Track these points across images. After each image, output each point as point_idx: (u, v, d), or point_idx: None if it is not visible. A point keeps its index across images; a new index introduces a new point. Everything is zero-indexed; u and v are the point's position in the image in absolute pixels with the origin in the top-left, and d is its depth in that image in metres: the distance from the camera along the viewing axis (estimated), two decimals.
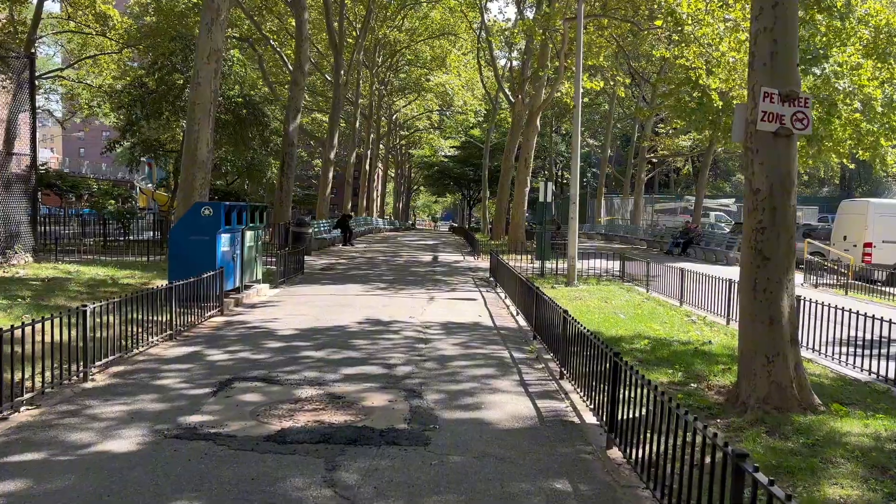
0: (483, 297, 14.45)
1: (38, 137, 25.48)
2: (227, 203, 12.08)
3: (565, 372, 7.43)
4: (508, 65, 52.25)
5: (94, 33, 41.03)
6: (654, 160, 53.57)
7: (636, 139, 54.55)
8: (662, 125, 50.36)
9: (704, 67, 23.75)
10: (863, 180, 63.69)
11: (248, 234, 13.28)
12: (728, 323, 11.43)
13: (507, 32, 40.60)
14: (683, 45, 22.00)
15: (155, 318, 8.63)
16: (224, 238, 11.82)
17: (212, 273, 10.75)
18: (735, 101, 23.20)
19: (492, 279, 17.63)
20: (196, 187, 16.48)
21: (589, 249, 24.89)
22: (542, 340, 9.14)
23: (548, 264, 18.87)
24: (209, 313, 10.71)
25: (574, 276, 15.95)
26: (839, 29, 25.86)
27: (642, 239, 37.31)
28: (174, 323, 9.07)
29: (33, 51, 40.81)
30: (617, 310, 12.42)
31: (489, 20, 44.68)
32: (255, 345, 8.74)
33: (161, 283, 11.32)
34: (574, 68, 25.14)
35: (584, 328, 6.62)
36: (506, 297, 13.93)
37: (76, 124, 64.63)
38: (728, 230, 38.55)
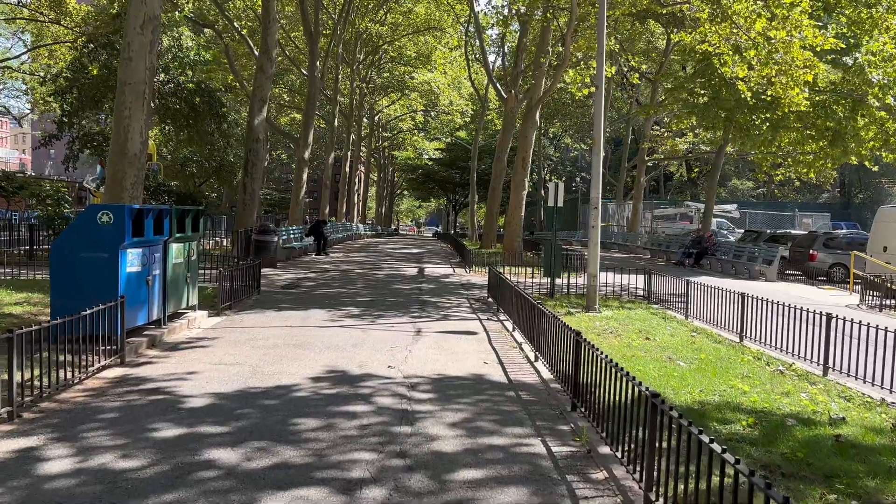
0: (484, 327, 11.24)
1: (7, 137, 22.15)
2: (137, 206, 8.77)
3: (653, 498, 4.25)
4: (499, 61, 49.24)
5: (47, 21, 37.48)
6: (650, 164, 50.72)
7: (630, 141, 51.76)
8: (657, 127, 47.55)
9: (730, 53, 20.79)
10: (863, 186, 61.33)
11: (175, 248, 9.99)
12: (826, 373, 8.30)
13: (497, 24, 37.65)
14: (709, 23, 18.97)
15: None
16: (132, 254, 8.52)
17: (107, 304, 7.47)
18: (770, 92, 20.22)
19: (491, 300, 14.44)
20: (125, 187, 13.30)
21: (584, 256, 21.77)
22: (587, 413, 5.95)
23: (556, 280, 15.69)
24: (102, 363, 7.42)
25: (596, 300, 12.79)
26: (866, 17, 23.07)
27: (644, 248, 34.28)
28: (35, 384, 5.90)
29: None
30: (668, 351, 9.24)
31: (479, 10, 41.55)
32: (137, 434, 5.45)
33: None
34: (579, 54, 22.08)
35: (680, 416, 3.48)
36: (514, 329, 10.73)
37: (36, 122, 60.72)
38: (734, 238, 35.68)
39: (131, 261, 8.49)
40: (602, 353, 5.63)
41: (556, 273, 14.49)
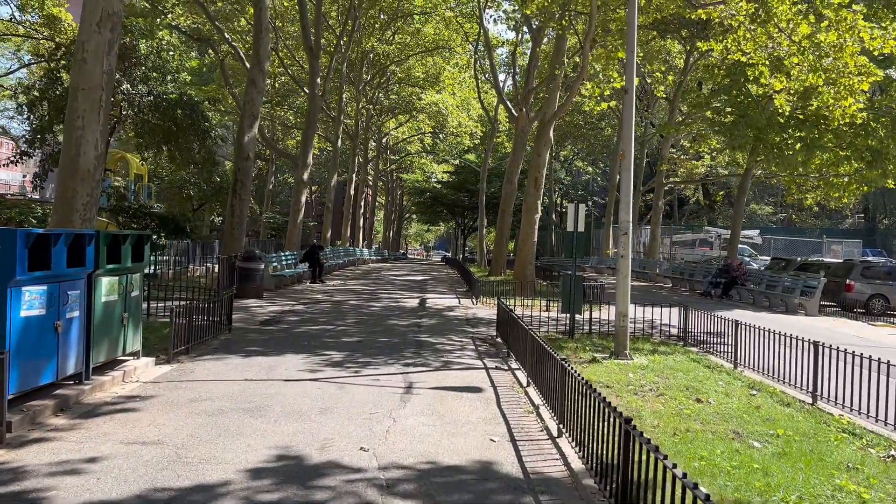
0: (491, 380, 9.13)
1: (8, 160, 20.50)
2: (39, 231, 6.76)
3: None
4: (509, 80, 47.65)
5: (41, 38, 36.06)
6: (666, 187, 48.64)
7: (644, 164, 49.85)
8: (672, 150, 45.60)
9: (766, 62, 18.80)
10: (889, 212, 58.89)
11: (106, 283, 7.98)
12: None
13: (508, 26, 35.74)
14: (749, 23, 16.97)
15: None
16: (30, 293, 6.51)
17: None
18: (816, 104, 18.18)
19: (500, 340, 12.36)
20: (76, 208, 11.44)
21: (607, 288, 19.74)
22: None
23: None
24: None
25: (626, 344, 10.66)
26: None
27: (665, 276, 32.07)
28: None
29: None
30: (731, 421, 7.11)
31: (490, 28, 39.88)
32: None
33: None
34: (597, 66, 20.14)
35: None
36: (529, 384, 8.63)
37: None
38: (757, 265, 33.44)
39: (28, 302, 6.47)
40: (666, 458, 3.56)
41: (577, 309, 12.38)
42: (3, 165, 23.91)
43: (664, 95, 42.02)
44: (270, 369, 9.27)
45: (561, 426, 6.57)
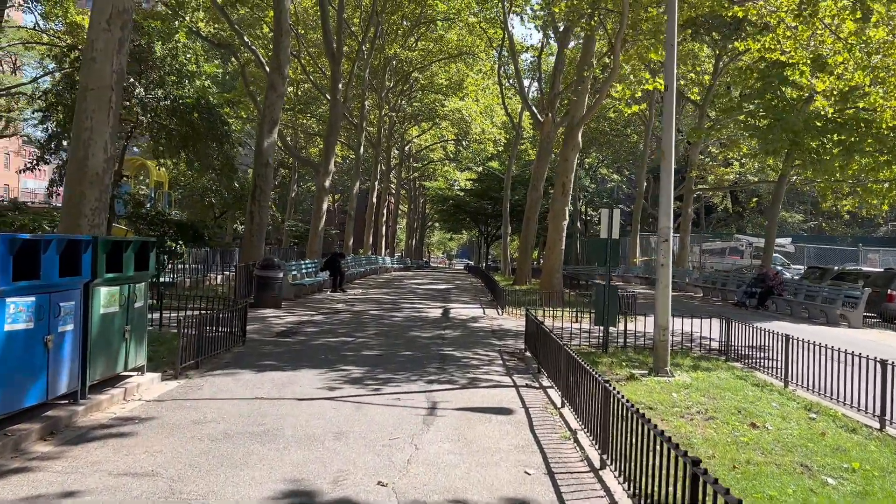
0: (522, 399, 8.38)
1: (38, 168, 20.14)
2: (25, 237, 6.16)
3: None
4: (534, 85, 46.88)
5: (63, 46, 36.09)
6: (695, 194, 47.45)
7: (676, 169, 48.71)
8: (701, 156, 44.47)
9: (808, 61, 17.90)
10: None
11: (105, 293, 7.38)
12: None
13: (535, 24, 34.73)
14: (792, 19, 16.07)
15: None
16: (14, 305, 5.90)
17: None
18: (862, 104, 17.26)
19: (528, 354, 11.62)
20: (84, 213, 10.93)
21: (638, 298, 18.86)
22: None
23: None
24: None
25: (667, 359, 9.86)
26: None
27: (695, 285, 31.03)
28: None
29: None
30: (795, 452, 6.30)
31: (514, 32, 39.14)
32: None
33: None
34: (627, 66, 19.35)
35: None
36: (563, 405, 7.88)
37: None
38: (790, 274, 32.24)
39: (13, 314, 5.86)
40: None
41: (611, 321, 11.59)
42: (19, 173, 23.63)
43: (697, 98, 41.02)
44: (284, 386, 8.61)
45: (604, 457, 5.82)
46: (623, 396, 5.42)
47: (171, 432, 6.47)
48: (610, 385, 5.67)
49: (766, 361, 11.07)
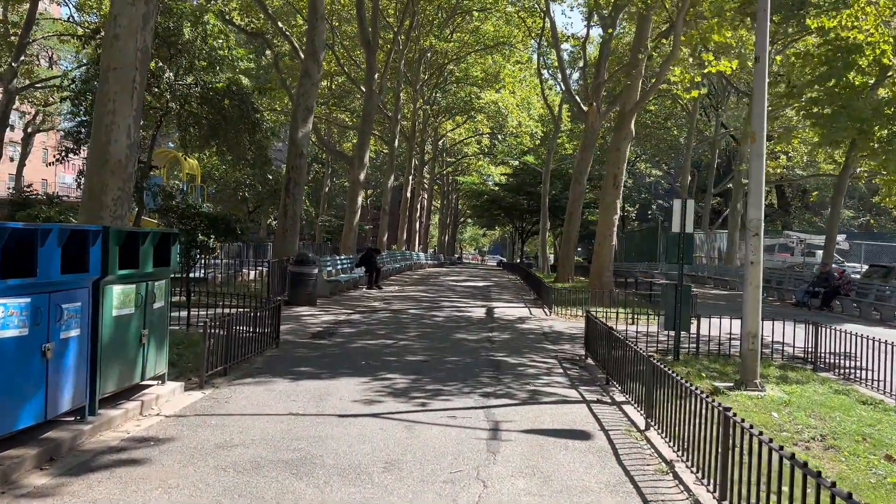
0: (597, 418, 7.20)
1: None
2: (17, 225, 5.17)
3: None
4: (575, 75, 45.43)
5: (90, 29, 35.74)
6: (744, 188, 45.57)
7: (715, 165, 47.10)
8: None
9: (890, 40, 16.37)
10: None
11: (118, 292, 6.37)
12: None
13: (572, 39, 33.51)
14: (866, 3, 14.64)
15: None
16: (5, 308, 4.90)
17: None
18: None
19: (590, 361, 10.44)
20: (106, 203, 9.99)
21: (699, 298, 17.48)
22: None
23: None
24: None
25: (756, 371, 8.59)
26: None
27: None
28: None
29: (23, 56, 35.61)
30: None
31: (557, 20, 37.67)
32: None
33: None
34: (686, 49, 17.96)
35: None
36: (647, 427, 6.69)
37: None
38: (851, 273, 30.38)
39: (3, 319, 4.86)
40: None
41: (684, 325, 10.35)
42: (47, 165, 23.11)
43: (739, 93, 39.28)
44: (321, 399, 7.55)
45: (715, 496, 4.64)
46: (751, 426, 4.25)
47: (190, 459, 5.43)
48: (735, 417, 4.48)
49: (861, 372, 9.80)
